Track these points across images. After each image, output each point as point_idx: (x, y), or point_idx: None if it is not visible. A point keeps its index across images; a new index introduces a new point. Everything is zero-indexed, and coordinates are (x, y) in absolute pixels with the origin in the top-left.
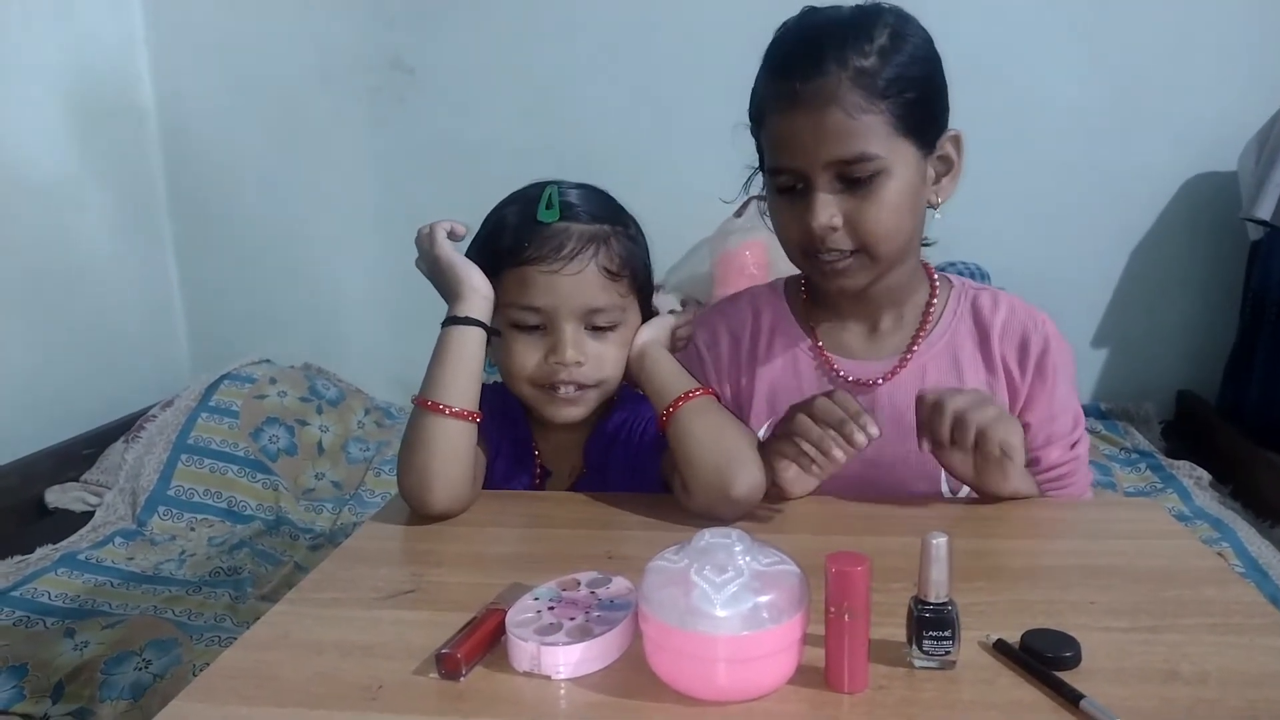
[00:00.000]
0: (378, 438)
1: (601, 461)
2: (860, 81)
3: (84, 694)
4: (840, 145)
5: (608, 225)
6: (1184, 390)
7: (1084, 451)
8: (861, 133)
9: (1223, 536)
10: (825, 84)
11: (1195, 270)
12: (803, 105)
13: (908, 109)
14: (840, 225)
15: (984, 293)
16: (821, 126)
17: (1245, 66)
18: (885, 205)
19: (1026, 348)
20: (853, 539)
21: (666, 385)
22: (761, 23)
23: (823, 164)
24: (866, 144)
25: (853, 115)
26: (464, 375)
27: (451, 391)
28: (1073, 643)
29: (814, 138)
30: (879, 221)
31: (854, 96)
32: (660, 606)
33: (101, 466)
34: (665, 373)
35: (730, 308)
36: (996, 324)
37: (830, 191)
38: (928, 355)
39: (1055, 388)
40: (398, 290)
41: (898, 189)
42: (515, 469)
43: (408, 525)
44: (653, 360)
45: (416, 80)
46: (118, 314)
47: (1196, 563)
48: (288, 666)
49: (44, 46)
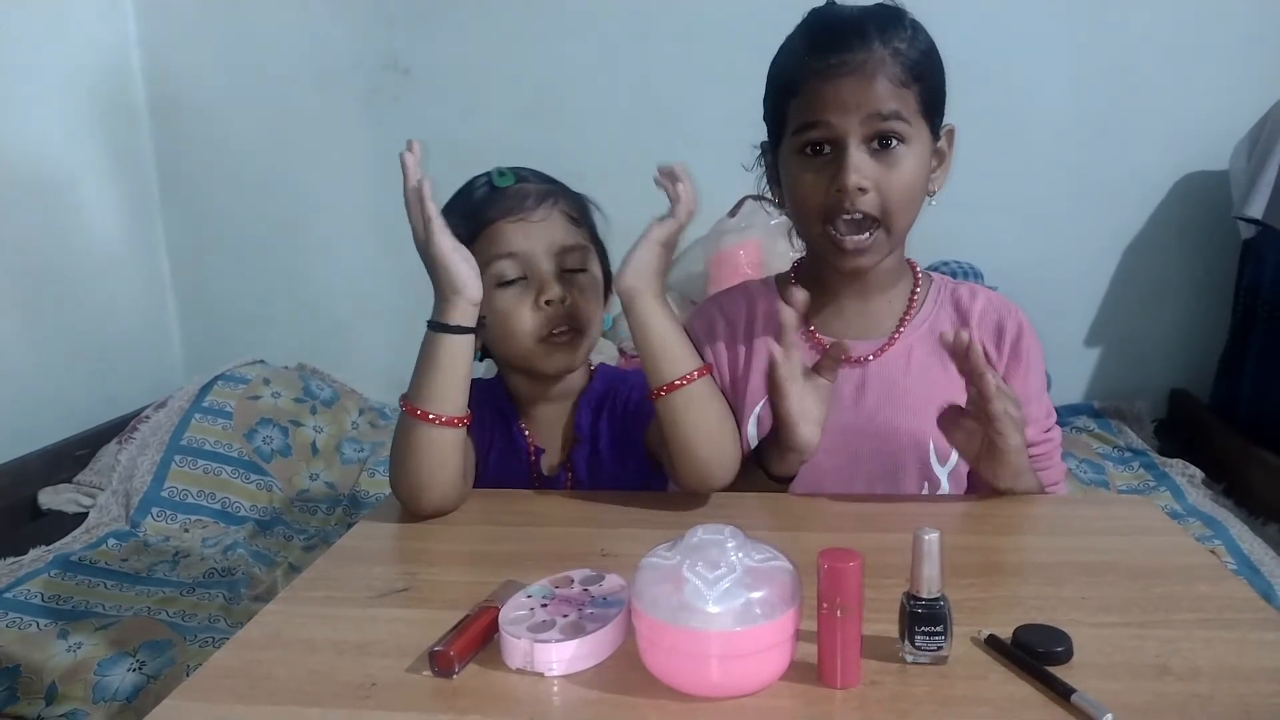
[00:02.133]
0: (372, 438)
1: (592, 432)
2: (899, 59)
3: (77, 695)
4: (878, 102)
5: (558, 184)
6: (1177, 388)
7: (1058, 438)
8: (897, 98)
9: (1215, 534)
10: (872, 56)
11: (1187, 269)
12: (850, 72)
13: (929, 94)
14: (869, 188)
15: (962, 287)
16: (870, 89)
17: (1237, 66)
18: (907, 172)
19: (1002, 332)
20: (845, 535)
21: (664, 357)
22: (760, 23)
23: (862, 118)
24: (900, 111)
25: (894, 84)
26: (453, 383)
27: (443, 401)
28: (1064, 638)
29: (857, 99)
30: (902, 189)
31: (895, 69)
32: (653, 603)
33: (95, 467)
34: (661, 338)
35: (725, 298)
36: (975, 311)
37: (863, 154)
38: (913, 336)
39: (1029, 371)
40: (392, 291)
41: (915, 164)
42: (509, 454)
43: (401, 524)
44: (645, 313)
45: (413, 81)
46: (111, 314)
47: (1189, 558)
48: (281, 665)
49: (38, 46)
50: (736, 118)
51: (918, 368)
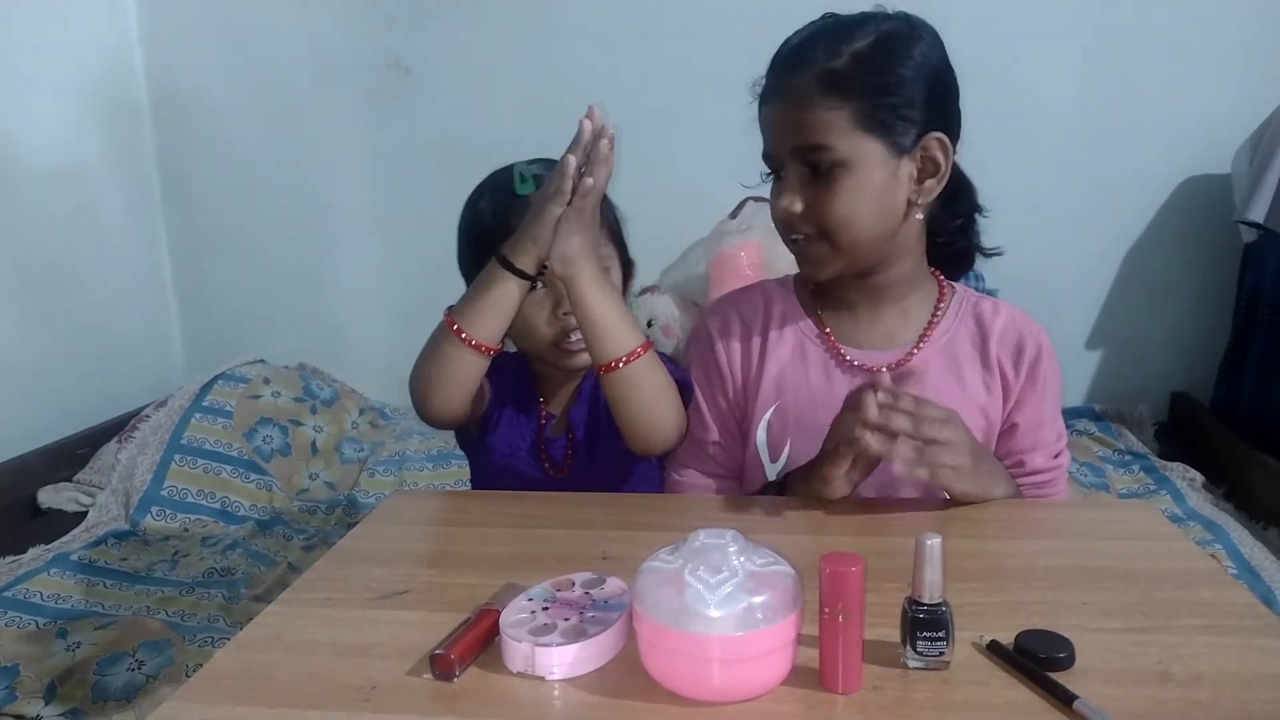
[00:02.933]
0: (372, 438)
1: (593, 394)
2: (825, 80)
3: (76, 695)
4: (799, 135)
5: None
6: (1178, 392)
7: (1066, 462)
8: (819, 126)
9: (1216, 538)
10: (794, 80)
11: (1189, 272)
12: (777, 98)
13: (875, 109)
14: (799, 210)
15: (985, 301)
16: (786, 117)
17: (1239, 69)
18: (841, 196)
19: (1021, 352)
20: (847, 539)
21: (606, 337)
22: (760, 23)
23: (788, 151)
24: (824, 137)
25: (811, 110)
26: (495, 315)
27: (479, 326)
28: (1066, 644)
29: (781, 128)
30: (833, 211)
31: (815, 94)
32: (654, 607)
33: (94, 466)
34: (601, 319)
35: (742, 297)
36: (996, 328)
37: (797, 178)
38: (930, 351)
39: (1044, 395)
40: (393, 290)
41: (858, 183)
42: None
43: (401, 526)
44: (583, 296)
45: (414, 79)
46: (112, 313)
47: (1190, 564)
48: (281, 667)
49: (39, 44)
50: (737, 118)
51: (931, 384)
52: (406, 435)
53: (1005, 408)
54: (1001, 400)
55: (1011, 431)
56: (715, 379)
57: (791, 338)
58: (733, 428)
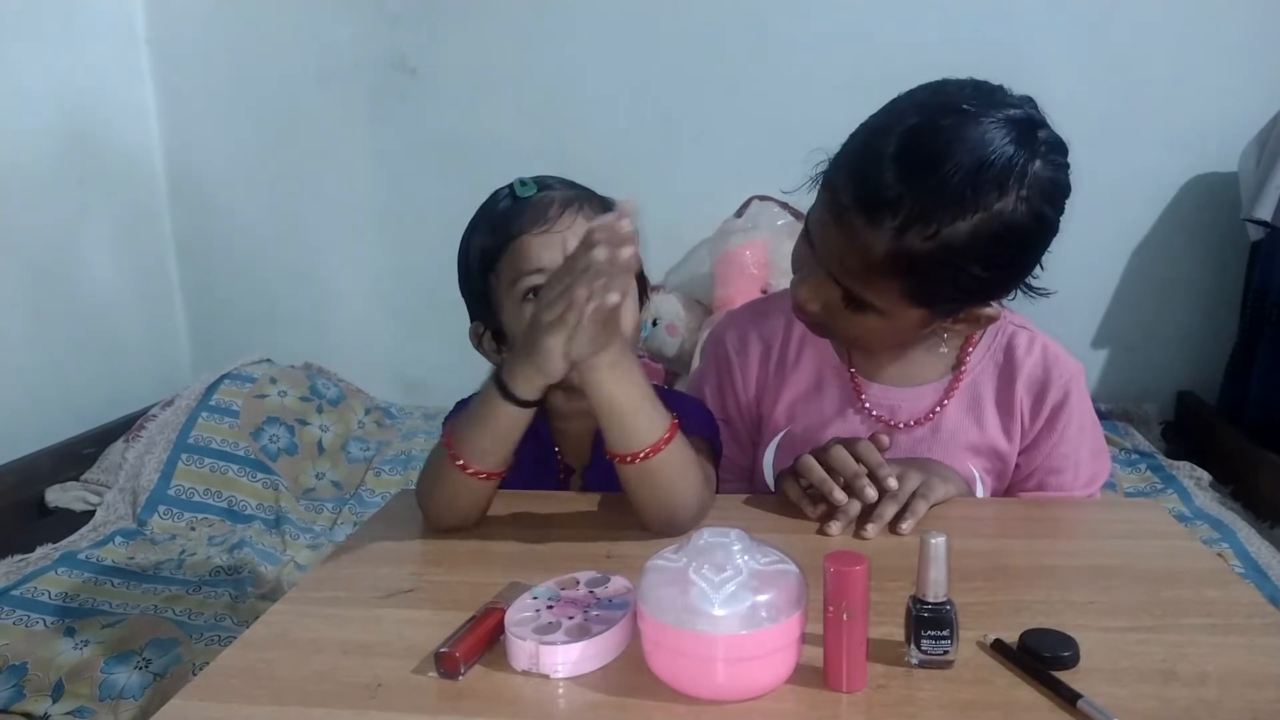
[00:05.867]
0: (378, 437)
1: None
2: (896, 253)
3: (84, 693)
4: (844, 274)
5: (582, 190)
6: (1184, 391)
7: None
8: (868, 287)
9: (1222, 537)
10: (864, 227)
11: (1196, 271)
12: (838, 218)
13: (935, 297)
14: (817, 310)
15: (1022, 334)
16: (839, 249)
17: (1246, 68)
18: (863, 327)
19: (1044, 397)
20: (851, 538)
21: (627, 428)
22: (760, 24)
23: (827, 267)
24: (868, 294)
25: (867, 271)
26: (501, 445)
27: (486, 458)
28: (1071, 642)
29: (829, 251)
30: (847, 333)
31: (879, 258)
32: (658, 605)
33: (102, 466)
34: (622, 412)
35: (761, 317)
36: (1025, 366)
37: (826, 285)
38: (955, 387)
39: (1062, 439)
40: (399, 290)
41: (884, 326)
42: (539, 465)
43: (407, 524)
44: (600, 386)
45: (419, 80)
46: (119, 313)
47: (1196, 563)
48: (287, 665)
49: (45, 47)
50: (741, 118)
51: (950, 423)
52: (412, 434)
53: (1019, 446)
54: (1018, 439)
55: (1017, 471)
56: (729, 396)
57: (811, 364)
58: (743, 439)
